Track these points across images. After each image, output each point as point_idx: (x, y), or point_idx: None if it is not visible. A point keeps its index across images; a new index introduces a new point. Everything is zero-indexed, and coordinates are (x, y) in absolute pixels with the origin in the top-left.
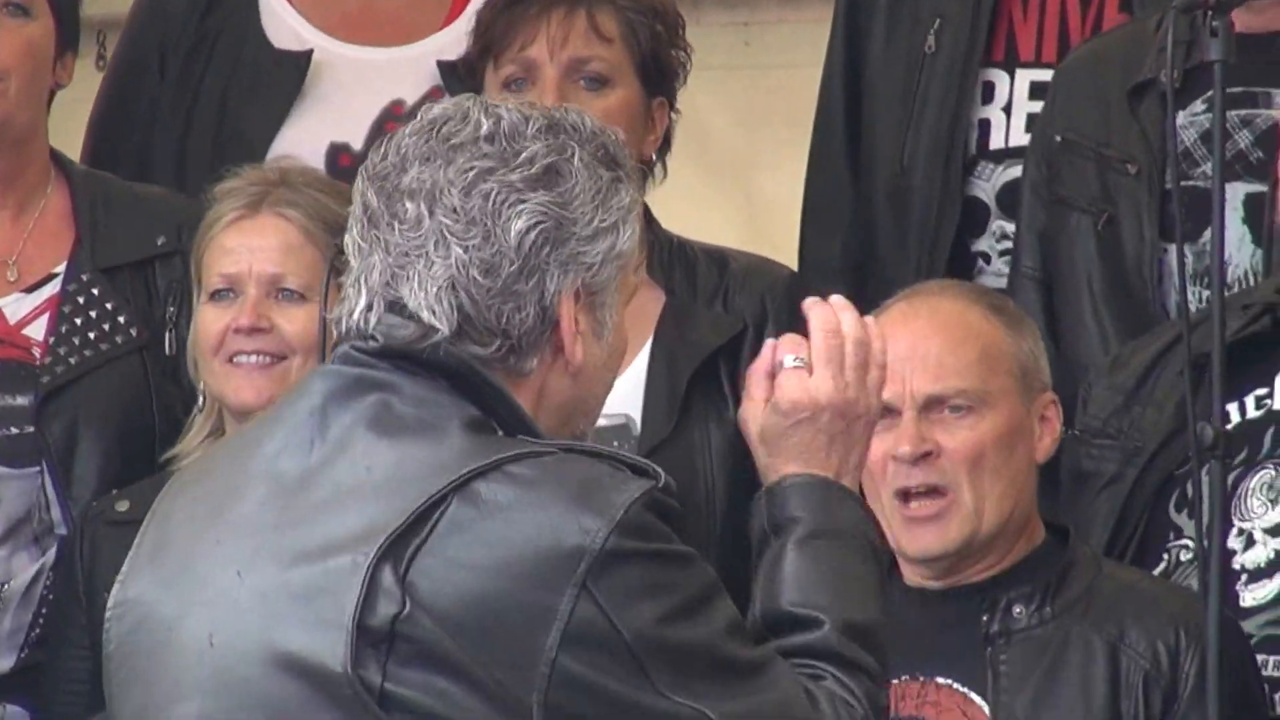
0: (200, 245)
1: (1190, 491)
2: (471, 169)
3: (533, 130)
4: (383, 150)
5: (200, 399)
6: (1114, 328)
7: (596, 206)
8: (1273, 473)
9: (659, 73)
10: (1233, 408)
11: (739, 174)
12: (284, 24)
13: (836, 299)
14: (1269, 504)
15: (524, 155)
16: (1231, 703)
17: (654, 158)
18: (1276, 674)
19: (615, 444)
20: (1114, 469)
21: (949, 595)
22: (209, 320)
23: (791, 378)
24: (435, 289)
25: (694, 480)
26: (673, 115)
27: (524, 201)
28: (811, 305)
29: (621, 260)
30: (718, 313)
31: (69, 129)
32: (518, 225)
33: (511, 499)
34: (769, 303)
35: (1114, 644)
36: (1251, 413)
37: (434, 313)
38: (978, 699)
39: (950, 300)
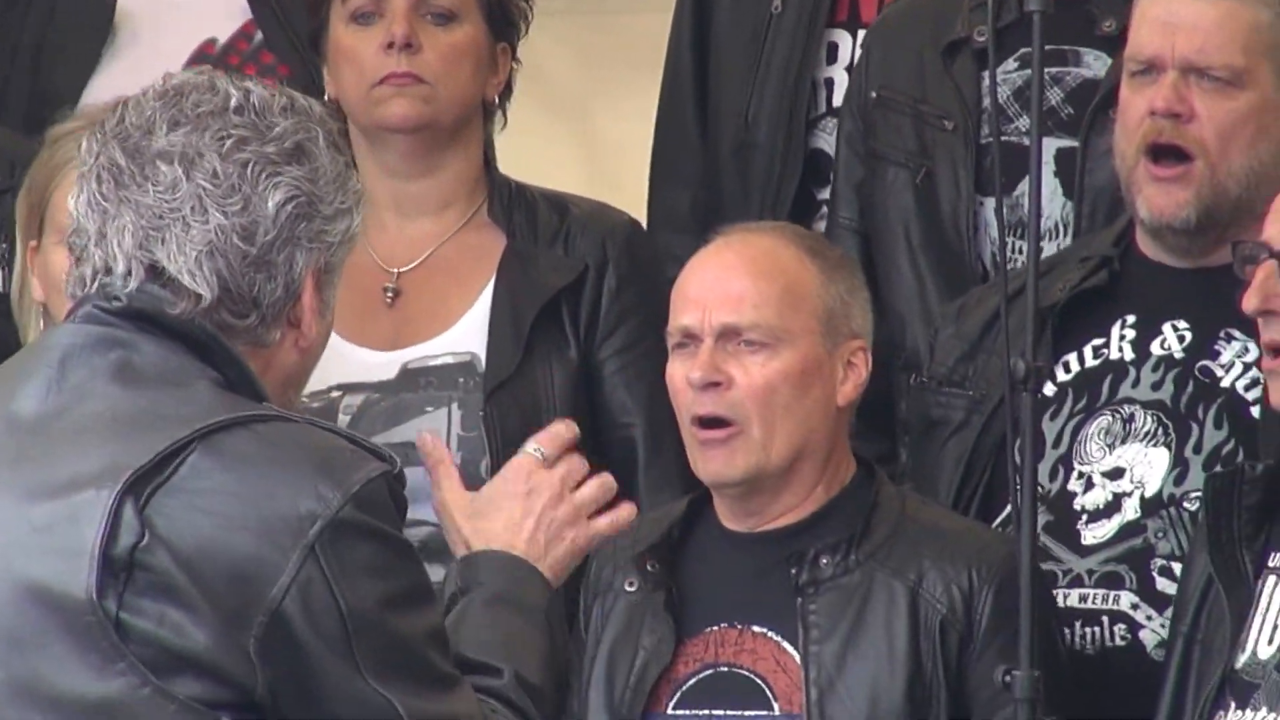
0: (46, 188)
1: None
2: (229, 137)
3: (279, 107)
4: (119, 112)
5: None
6: (931, 278)
7: (338, 188)
8: (1110, 419)
9: (503, 16)
10: (1072, 358)
11: (581, 116)
12: None
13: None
14: (1107, 449)
15: (276, 130)
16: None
17: (496, 101)
18: (1114, 607)
19: (461, 380)
20: (961, 416)
21: (761, 540)
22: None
23: (527, 458)
24: (195, 254)
25: (537, 415)
26: (514, 64)
27: (280, 174)
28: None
29: (352, 244)
30: (559, 255)
31: None
32: (275, 197)
33: (254, 454)
34: (609, 248)
35: (913, 589)
36: (1090, 362)
37: (194, 278)
38: (790, 648)
39: (766, 238)
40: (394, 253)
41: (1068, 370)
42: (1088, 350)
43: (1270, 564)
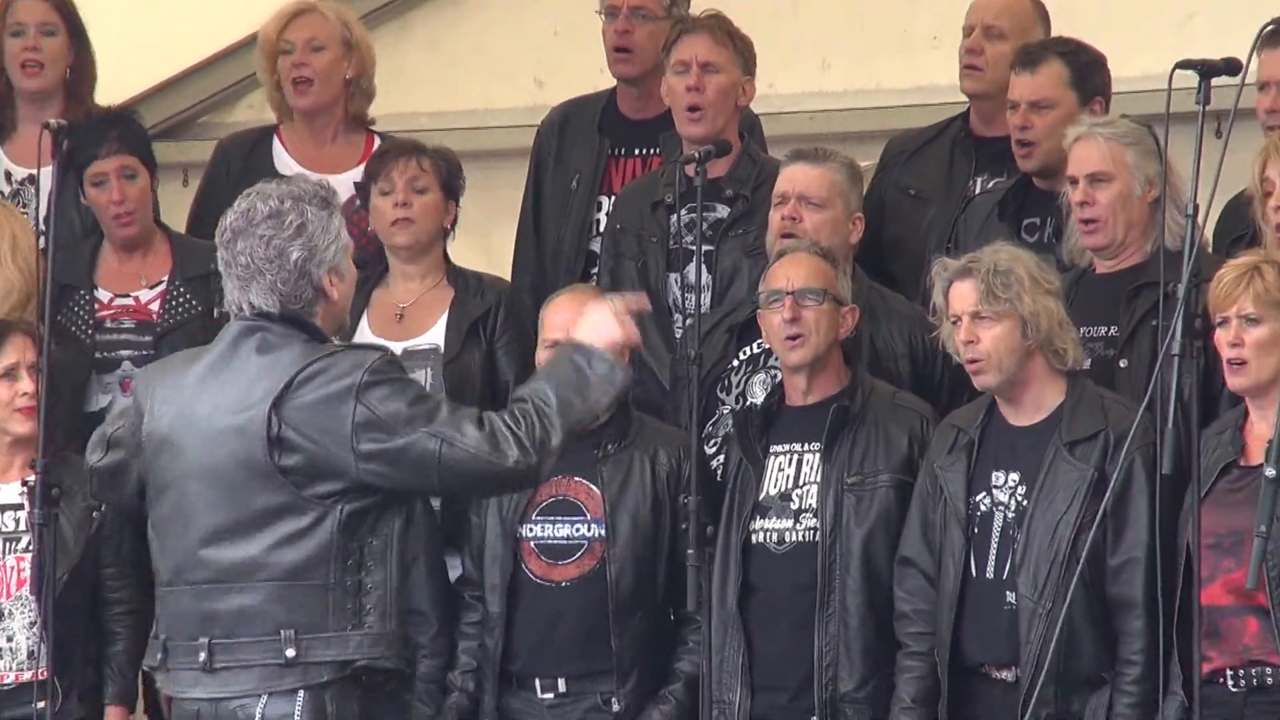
0: None
1: (723, 385)
2: (265, 236)
3: (286, 206)
4: (222, 227)
5: None
6: (649, 318)
7: (323, 232)
8: (764, 375)
9: (451, 190)
10: (747, 349)
11: (483, 235)
12: (284, 161)
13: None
14: (764, 390)
15: (286, 221)
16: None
17: (448, 229)
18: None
19: (432, 358)
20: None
21: (580, 436)
22: None
23: (607, 304)
24: (264, 294)
25: (468, 379)
26: (459, 210)
27: (291, 246)
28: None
29: (345, 249)
30: (478, 300)
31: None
32: (293, 257)
33: (322, 370)
34: (501, 297)
35: (653, 459)
36: (755, 350)
37: (267, 303)
38: (594, 487)
39: (581, 293)
40: (401, 297)
41: (745, 354)
42: (754, 345)
43: (771, 451)
